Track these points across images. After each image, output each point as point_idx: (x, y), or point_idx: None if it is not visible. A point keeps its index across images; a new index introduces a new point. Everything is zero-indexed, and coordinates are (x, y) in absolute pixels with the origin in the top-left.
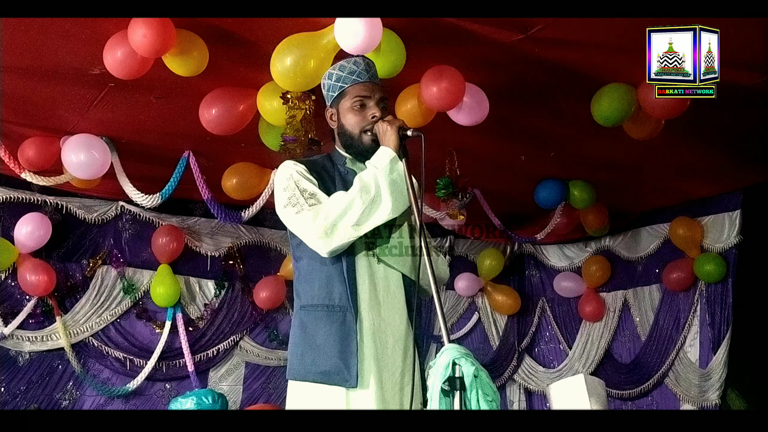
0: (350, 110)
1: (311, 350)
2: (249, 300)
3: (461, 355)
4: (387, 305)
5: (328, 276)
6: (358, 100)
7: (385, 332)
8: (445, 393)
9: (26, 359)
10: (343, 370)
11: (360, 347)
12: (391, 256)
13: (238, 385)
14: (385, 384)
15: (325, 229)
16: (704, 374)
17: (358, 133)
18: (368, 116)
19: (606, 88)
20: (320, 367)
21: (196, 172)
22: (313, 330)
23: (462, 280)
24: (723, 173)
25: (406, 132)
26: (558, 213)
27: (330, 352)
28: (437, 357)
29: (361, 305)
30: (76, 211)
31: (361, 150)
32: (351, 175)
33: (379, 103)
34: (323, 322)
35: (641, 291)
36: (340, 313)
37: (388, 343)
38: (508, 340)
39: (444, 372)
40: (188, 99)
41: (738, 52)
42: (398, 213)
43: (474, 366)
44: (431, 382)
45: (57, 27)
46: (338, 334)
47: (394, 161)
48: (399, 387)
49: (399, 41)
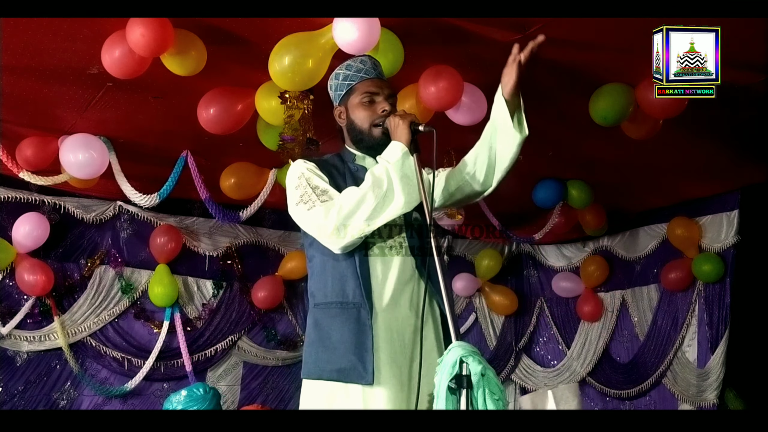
0: (360, 105)
1: (326, 348)
2: (247, 300)
3: (468, 353)
4: (402, 299)
5: (341, 273)
6: (367, 95)
7: (401, 328)
8: (451, 391)
9: (24, 359)
10: (358, 367)
11: (375, 343)
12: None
13: (236, 384)
14: (403, 380)
15: (338, 224)
16: (702, 374)
17: (368, 127)
18: (378, 110)
19: (604, 87)
20: (335, 364)
21: (194, 171)
22: (327, 328)
23: (460, 280)
24: (721, 173)
25: (417, 127)
26: (556, 213)
27: (345, 349)
28: (444, 355)
29: (375, 301)
30: (74, 210)
31: (372, 144)
32: (361, 172)
33: (389, 99)
34: (338, 320)
35: (639, 291)
36: (354, 309)
37: (405, 339)
38: (505, 340)
39: (451, 370)
40: (186, 99)
41: (738, 52)
42: (411, 207)
43: (481, 364)
44: (438, 380)
45: (55, 27)
46: (353, 330)
47: (405, 155)
48: (416, 382)
49: (397, 41)
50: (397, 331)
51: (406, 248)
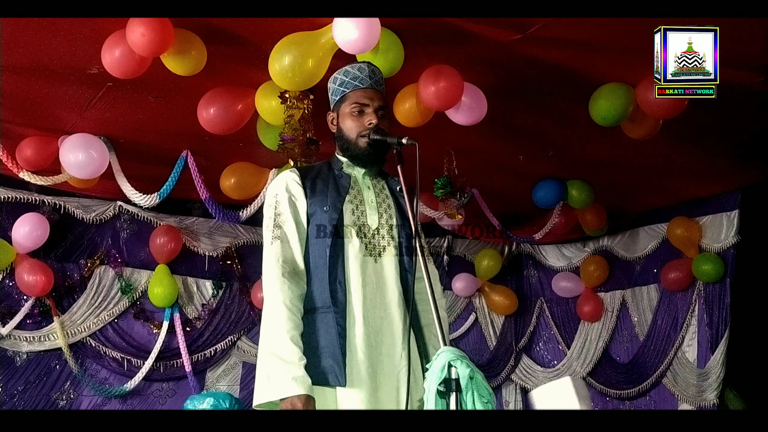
0: (349, 115)
1: (306, 354)
2: (247, 300)
3: (457, 357)
4: (382, 304)
5: (320, 279)
6: (357, 106)
7: (380, 331)
8: (440, 394)
9: (24, 359)
10: (334, 369)
11: (352, 347)
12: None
13: (236, 385)
14: (381, 384)
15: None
16: (702, 374)
17: (355, 138)
18: (365, 122)
19: (604, 87)
20: (311, 369)
21: (194, 171)
22: (306, 333)
23: (459, 280)
24: (721, 173)
25: (401, 140)
26: (556, 213)
27: (321, 353)
28: (433, 360)
29: (354, 305)
30: (74, 210)
31: (357, 154)
32: (345, 179)
33: (378, 111)
34: (315, 325)
35: (639, 291)
36: (330, 314)
37: (384, 343)
38: (505, 340)
39: (440, 374)
40: (186, 98)
41: (738, 52)
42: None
43: (469, 368)
44: (427, 384)
45: (55, 26)
46: (329, 335)
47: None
48: (397, 386)
49: (397, 41)
50: (377, 335)
51: (389, 251)
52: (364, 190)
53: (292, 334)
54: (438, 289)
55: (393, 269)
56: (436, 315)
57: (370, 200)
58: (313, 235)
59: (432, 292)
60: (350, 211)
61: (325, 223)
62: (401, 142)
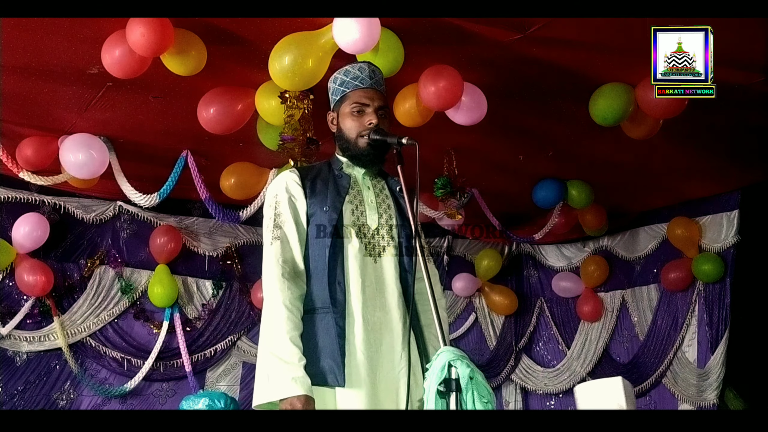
0: (349, 115)
1: (305, 354)
2: (247, 300)
3: (457, 357)
4: (381, 305)
5: (320, 279)
6: (357, 106)
7: (379, 332)
8: (440, 394)
9: (24, 359)
10: (334, 370)
11: (351, 347)
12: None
13: (236, 385)
14: (380, 384)
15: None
16: (702, 374)
17: (355, 138)
18: (365, 122)
19: (604, 87)
20: (311, 369)
21: (194, 171)
22: (306, 334)
23: (459, 280)
24: (721, 173)
25: (401, 140)
26: (556, 213)
27: (320, 353)
28: (433, 360)
29: (354, 305)
30: (74, 210)
31: (357, 154)
32: (345, 179)
33: (378, 111)
34: (315, 325)
35: (639, 291)
36: (329, 314)
37: (384, 343)
38: (505, 340)
39: (440, 374)
40: (186, 98)
41: (737, 52)
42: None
43: (469, 368)
44: (427, 385)
45: (55, 26)
46: (328, 335)
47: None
48: (396, 387)
49: (397, 41)
50: (376, 335)
51: (389, 251)
52: (364, 190)
53: (291, 334)
54: (438, 290)
55: (393, 269)
56: (436, 315)
57: (369, 200)
58: (312, 236)
59: (432, 293)
60: (350, 212)
61: (325, 223)
62: (401, 142)
